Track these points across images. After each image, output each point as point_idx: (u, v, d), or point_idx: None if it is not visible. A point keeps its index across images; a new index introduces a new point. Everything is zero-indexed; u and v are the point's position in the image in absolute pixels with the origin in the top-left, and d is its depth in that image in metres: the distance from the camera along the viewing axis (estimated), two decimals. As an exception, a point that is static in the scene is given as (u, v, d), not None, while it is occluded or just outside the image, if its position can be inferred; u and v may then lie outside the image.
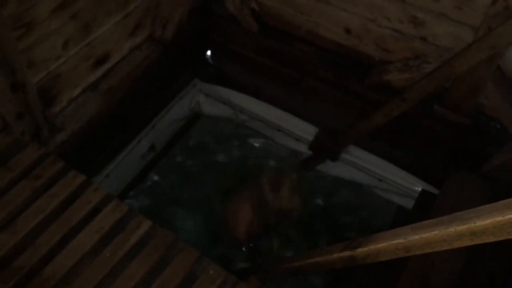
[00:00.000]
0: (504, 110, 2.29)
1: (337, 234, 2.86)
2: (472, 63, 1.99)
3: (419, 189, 2.68)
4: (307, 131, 2.99)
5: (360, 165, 2.88)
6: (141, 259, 1.76)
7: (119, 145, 2.85)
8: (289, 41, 2.79)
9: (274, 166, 3.18)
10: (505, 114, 2.31)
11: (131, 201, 3.01)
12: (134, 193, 3.05)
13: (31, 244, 1.76)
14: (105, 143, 2.68)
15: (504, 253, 1.96)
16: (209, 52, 3.22)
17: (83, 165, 2.23)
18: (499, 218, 0.92)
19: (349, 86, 2.66)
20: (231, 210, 2.82)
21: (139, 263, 1.75)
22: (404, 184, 2.77)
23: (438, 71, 2.12)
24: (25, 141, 2.08)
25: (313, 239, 2.87)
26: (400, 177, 2.77)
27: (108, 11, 2.31)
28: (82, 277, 1.71)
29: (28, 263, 1.72)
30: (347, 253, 1.41)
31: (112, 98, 2.56)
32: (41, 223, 1.82)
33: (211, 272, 1.75)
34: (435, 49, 2.36)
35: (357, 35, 2.57)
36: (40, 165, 2.00)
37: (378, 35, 2.50)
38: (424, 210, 2.41)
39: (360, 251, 1.35)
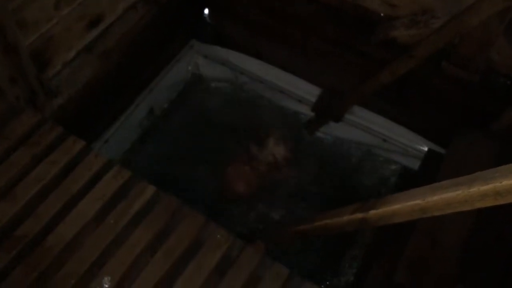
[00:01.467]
0: (515, 66, 2.21)
1: (341, 196, 2.82)
2: (483, 17, 1.90)
3: (425, 149, 2.63)
4: (310, 92, 2.92)
5: (364, 125, 2.82)
6: (145, 225, 1.73)
7: (117, 110, 2.78)
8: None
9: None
10: (515, 70, 2.24)
11: (132, 166, 2.95)
12: (135, 158, 2.99)
13: (32, 213, 1.72)
14: (103, 108, 2.61)
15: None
16: (207, 11, 3.10)
17: (82, 131, 2.16)
18: (528, 177, 0.87)
19: (353, 45, 2.56)
20: (229, 169, 2.85)
21: (143, 230, 1.72)
22: (409, 144, 2.72)
23: (448, 26, 2.03)
24: (20, 107, 2.00)
25: (316, 203, 2.84)
26: (405, 137, 2.71)
27: (101, -31, 2.20)
28: (86, 245, 1.68)
29: (30, 232, 1.68)
30: (359, 216, 1.37)
31: (108, 61, 2.47)
32: (41, 191, 1.77)
33: (218, 236, 1.72)
34: (444, 3, 2.26)
35: (361, -10, 2.46)
36: (38, 131, 1.94)
37: (384, -11, 2.39)
38: (430, 170, 2.37)
39: (373, 213, 1.31)
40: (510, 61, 2.23)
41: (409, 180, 2.75)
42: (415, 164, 2.69)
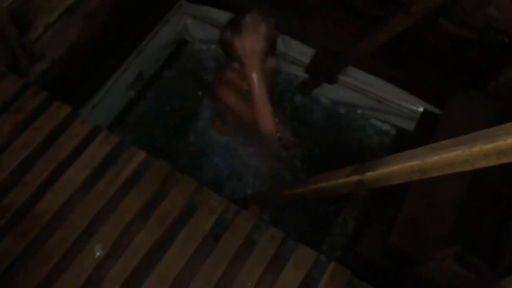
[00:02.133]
0: (514, 22, 2.15)
1: (335, 157, 2.79)
2: (485, -31, 1.83)
3: (421, 109, 2.59)
4: (303, 53, 2.83)
5: (358, 87, 2.75)
6: (136, 192, 1.68)
7: (104, 74, 2.69)
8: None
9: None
10: (514, 26, 2.17)
11: (121, 133, 2.90)
12: (124, 124, 2.93)
13: (19, 181, 1.66)
14: (89, 72, 2.52)
15: (508, 173, 1.92)
16: (195, -31, 2.98)
17: (67, 96, 2.09)
18: (534, 134, 0.83)
19: (349, 2, 2.48)
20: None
21: (134, 196, 1.67)
22: (404, 105, 2.66)
23: (447, -20, 1.95)
24: (1, 72, 1.92)
25: (310, 164, 2.81)
26: (400, 97, 2.66)
27: None
28: (75, 212, 1.63)
29: (18, 200, 1.63)
30: (355, 178, 1.33)
31: (93, 23, 2.37)
32: (27, 159, 1.71)
33: (211, 201, 1.68)
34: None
35: None
36: (21, 97, 1.86)
37: None
38: (426, 131, 2.33)
39: (370, 175, 1.27)
40: (509, 17, 2.16)
41: (404, 141, 2.72)
42: (410, 125, 2.65)
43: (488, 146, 0.92)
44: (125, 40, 2.74)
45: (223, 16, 3.00)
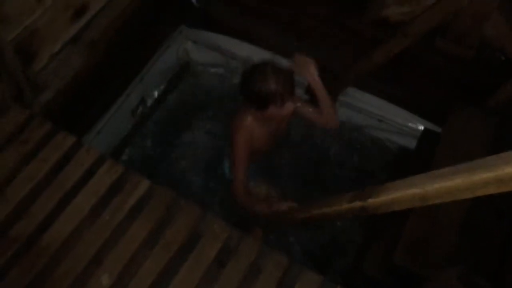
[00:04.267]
0: (509, 40, 2.17)
1: (338, 177, 2.81)
2: (478, -8, 1.86)
3: (421, 128, 2.61)
4: (303, 74, 2.86)
5: (359, 106, 2.78)
6: (142, 220, 1.70)
7: (108, 101, 2.72)
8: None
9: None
10: (510, 44, 2.20)
11: (126, 159, 2.92)
12: (128, 150, 2.96)
13: (25, 212, 1.69)
14: (93, 100, 2.56)
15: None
16: (194, -5, 3.03)
17: (72, 124, 2.13)
18: (531, 164, 0.84)
19: (346, 24, 2.53)
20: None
21: (140, 225, 1.69)
22: (405, 124, 2.68)
23: (443, 3, 1.98)
24: (7, 104, 1.95)
25: (313, 184, 2.82)
26: (401, 116, 2.68)
27: (82, -41, 2.13)
28: (82, 242, 1.66)
29: (24, 232, 1.65)
30: (357, 204, 1.34)
31: (96, 51, 2.42)
32: (34, 190, 1.74)
33: (215, 227, 1.70)
34: (436, -21, 2.21)
35: (351, -32, 2.41)
36: (26, 128, 1.90)
37: (375, -34, 2.34)
38: (427, 149, 2.35)
39: (372, 201, 1.28)
40: (504, 35, 2.20)
41: (406, 159, 2.72)
42: (411, 143, 2.66)
43: (488, 175, 0.93)
44: (127, 67, 2.78)
45: (222, 40, 3.07)
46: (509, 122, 2.15)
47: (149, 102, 3.12)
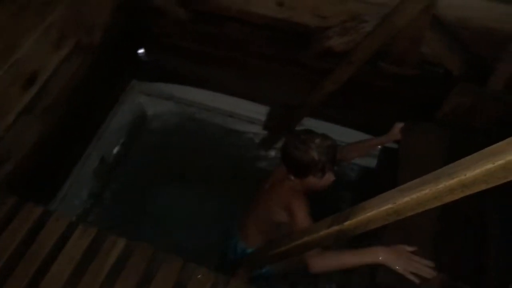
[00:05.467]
0: (445, 55, 2.33)
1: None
2: (411, 16, 2.01)
3: (378, 147, 2.72)
4: (259, 111, 2.96)
5: (317, 134, 2.87)
6: (124, 278, 1.68)
7: (69, 164, 2.70)
8: (223, 24, 2.70)
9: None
10: (446, 58, 2.36)
11: (95, 219, 2.87)
12: (96, 210, 2.91)
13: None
14: (54, 165, 2.53)
15: (474, 196, 2.02)
16: (143, 49, 3.08)
17: (37, 192, 2.09)
18: (489, 166, 0.92)
19: (293, 59, 2.63)
20: None
21: (122, 283, 1.67)
22: (364, 145, 2.79)
23: (380, 29, 2.12)
24: (-34, 183, 1.91)
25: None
26: (357, 139, 2.78)
27: (27, 28, 2.14)
28: (64, 312, 1.61)
29: (3, 309, 1.59)
30: (335, 228, 1.39)
31: (51, 118, 2.41)
32: (8, 263, 1.68)
33: (199, 276, 1.69)
34: (371, 7, 2.35)
35: (291, 6, 2.52)
36: (-10, 205, 1.85)
37: (312, 3, 2.46)
38: (388, 166, 2.45)
39: (348, 224, 1.33)
40: (439, 51, 2.35)
41: (369, 178, 2.82)
42: (372, 163, 2.76)
43: (452, 182, 1.00)
44: (84, 128, 2.78)
45: (175, 89, 3.13)
46: (459, 132, 2.28)
47: (110, 160, 3.10)
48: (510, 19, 2.06)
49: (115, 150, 3.15)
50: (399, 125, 2.30)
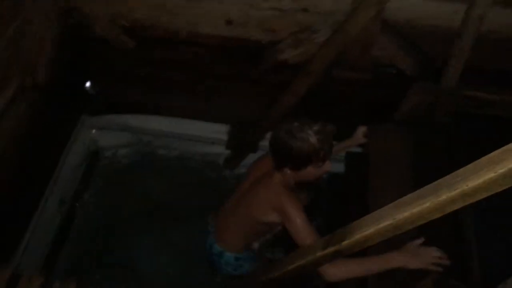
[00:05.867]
0: (397, 56, 2.39)
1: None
2: (363, 23, 2.04)
3: (344, 152, 2.74)
4: (219, 131, 2.91)
5: (281, 147, 2.86)
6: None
7: (28, 212, 2.54)
8: (173, 48, 2.64)
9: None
10: (398, 58, 2.42)
11: (66, 264, 2.71)
12: (65, 254, 2.75)
13: None
14: (13, 215, 2.37)
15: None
16: (90, 82, 2.95)
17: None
18: (491, 175, 0.92)
19: (248, 76, 2.61)
20: None
21: None
22: (329, 152, 2.81)
23: (335, 38, 2.14)
24: None
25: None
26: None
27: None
28: None
29: None
30: (331, 249, 1.37)
31: (2, 166, 2.25)
32: None
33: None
34: (319, 17, 2.38)
35: (240, 24, 2.50)
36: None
37: (261, 18, 2.45)
38: (356, 169, 2.48)
39: (346, 243, 1.31)
40: (390, 53, 2.41)
41: (339, 183, 2.83)
42: (340, 168, 2.78)
43: (454, 193, 1.00)
44: (38, 173, 2.63)
45: (128, 119, 3.02)
46: (420, 129, 2.34)
47: (69, 201, 2.95)
48: (454, 17, 2.14)
49: (73, 190, 2.99)
50: (362, 129, 2.34)
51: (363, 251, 1.52)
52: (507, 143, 0.94)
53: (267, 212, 1.93)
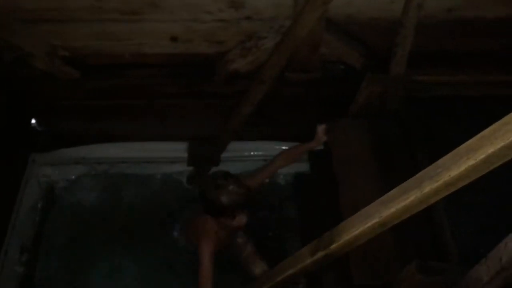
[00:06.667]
0: (344, 52, 2.45)
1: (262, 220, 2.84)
2: (310, 25, 2.06)
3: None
4: (178, 149, 2.86)
5: (243, 155, 2.87)
6: None
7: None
8: (119, 74, 2.57)
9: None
10: (345, 54, 2.48)
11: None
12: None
13: None
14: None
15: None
16: (36, 119, 2.82)
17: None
18: (471, 163, 0.96)
19: (201, 90, 2.59)
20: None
21: None
22: (289, 153, 2.83)
23: (284, 44, 2.16)
24: None
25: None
26: (283, 148, 2.81)
27: None
28: None
29: None
30: (321, 254, 1.38)
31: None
32: None
33: None
34: (263, 23, 2.39)
35: (185, 39, 2.47)
36: None
37: (206, 31, 2.43)
38: (321, 166, 2.52)
39: (335, 246, 1.33)
40: (337, 50, 2.47)
41: (305, 181, 2.86)
42: (305, 167, 2.82)
43: (437, 184, 1.04)
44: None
45: (81, 150, 2.92)
46: (374, 119, 2.41)
47: (30, 246, 2.80)
48: (392, 6, 2.23)
49: (33, 233, 2.84)
50: (321, 127, 2.41)
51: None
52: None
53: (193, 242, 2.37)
